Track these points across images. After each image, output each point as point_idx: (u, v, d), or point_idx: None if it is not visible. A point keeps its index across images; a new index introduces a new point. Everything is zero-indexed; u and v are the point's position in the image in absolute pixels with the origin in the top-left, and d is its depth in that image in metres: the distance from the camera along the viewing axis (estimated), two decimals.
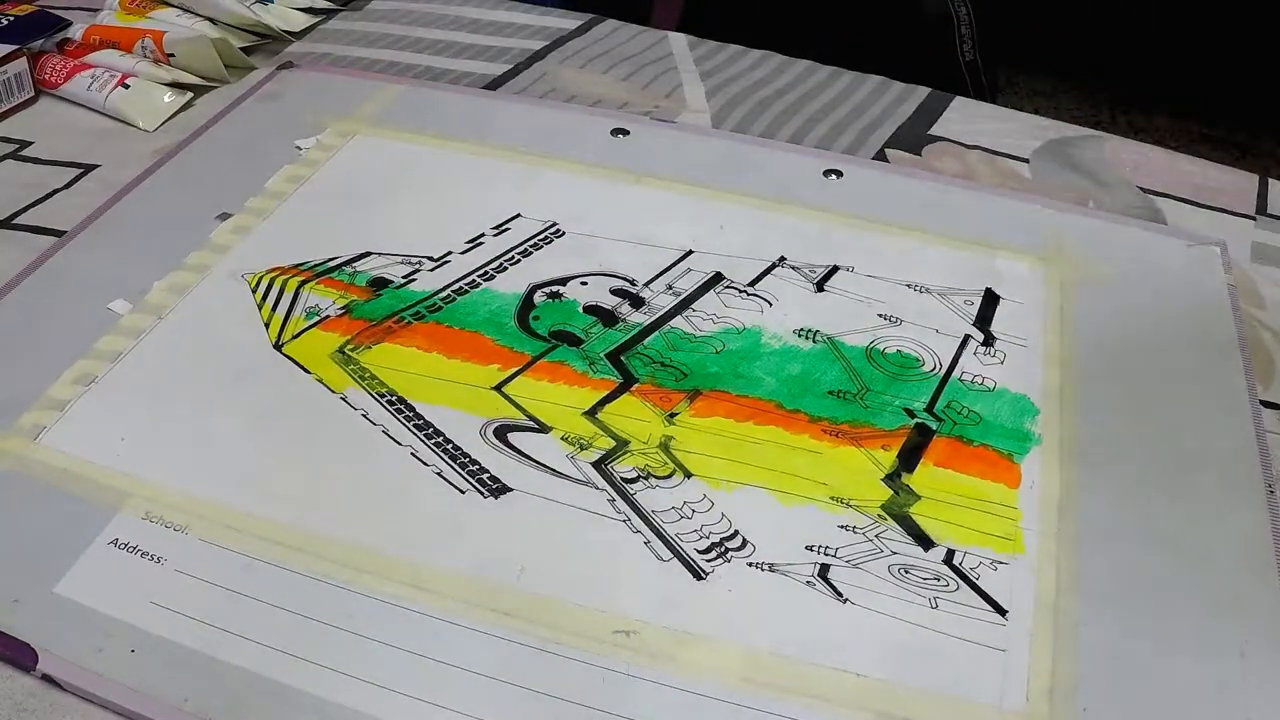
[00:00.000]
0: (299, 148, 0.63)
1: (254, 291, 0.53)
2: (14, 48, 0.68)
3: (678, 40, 0.78)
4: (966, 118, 0.70)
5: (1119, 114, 1.81)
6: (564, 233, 0.57)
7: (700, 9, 1.07)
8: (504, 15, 0.81)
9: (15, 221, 0.60)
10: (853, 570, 0.41)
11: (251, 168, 0.61)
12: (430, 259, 0.56)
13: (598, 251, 0.56)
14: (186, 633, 0.39)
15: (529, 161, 0.63)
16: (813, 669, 0.38)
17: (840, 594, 0.41)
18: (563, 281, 0.54)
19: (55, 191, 0.62)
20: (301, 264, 0.55)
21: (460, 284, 0.54)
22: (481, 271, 0.55)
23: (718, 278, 0.55)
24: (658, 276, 0.55)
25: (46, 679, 0.38)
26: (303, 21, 0.79)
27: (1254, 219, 0.62)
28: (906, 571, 0.41)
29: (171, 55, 0.71)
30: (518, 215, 0.58)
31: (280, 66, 0.71)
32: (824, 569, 0.41)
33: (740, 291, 0.54)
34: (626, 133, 0.65)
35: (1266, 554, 0.42)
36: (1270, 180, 0.65)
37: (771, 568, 0.42)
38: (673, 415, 0.47)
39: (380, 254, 0.56)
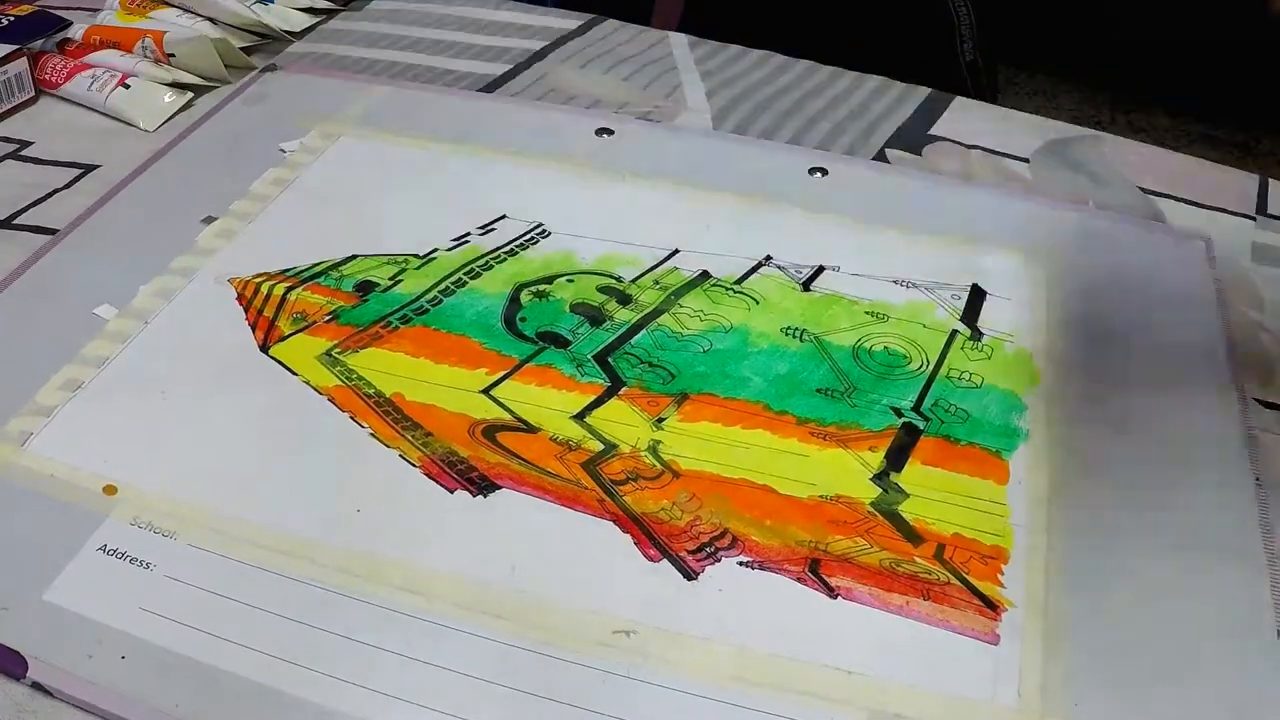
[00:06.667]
0: (283, 150, 0.63)
1: (239, 295, 0.53)
2: (14, 48, 0.68)
3: (678, 40, 0.78)
4: (966, 118, 0.70)
5: (1119, 114, 1.82)
6: (550, 233, 0.57)
7: (700, 9, 1.06)
8: (504, 15, 0.81)
9: (15, 221, 0.60)
10: (843, 566, 0.41)
11: (236, 171, 0.61)
12: (417, 256, 0.56)
13: (584, 251, 0.56)
14: (176, 638, 0.39)
15: (515, 162, 0.63)
16: (804, 667, 0.38)
17: (831, 590, 0.40)
18: (549, 280, 0.54)
19: (55, 191, 0.62)
20: (288, 270, 0.55)
21: (446, 283, 0.54)
22: (467, 269, 0.55)
23: (704, 275, 0.54)
24: (645, 274, 0.55)
25: (37, 686, 0.38)
26: (303, 21, 0.79)
27: (1254, 219, 0.61)
28: (897, 567, 0.41)
29: (172, 55, 0.71)
30: (504, 216, 0.58)
31: (264, 69, 0.71)
32: (815, 565, 0.41)
33: (727, 290, 0.54)
34: (611, 132, 0.65)
35: (1255, 547, 0.42)
36: (1270, 180, 0.65)
37: (762, 566, 0.41)
38: (661, 420, 0.47)
39: (366, 256, 0.56)
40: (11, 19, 0.71)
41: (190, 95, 0.70)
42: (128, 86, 0.69)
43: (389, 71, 0.73)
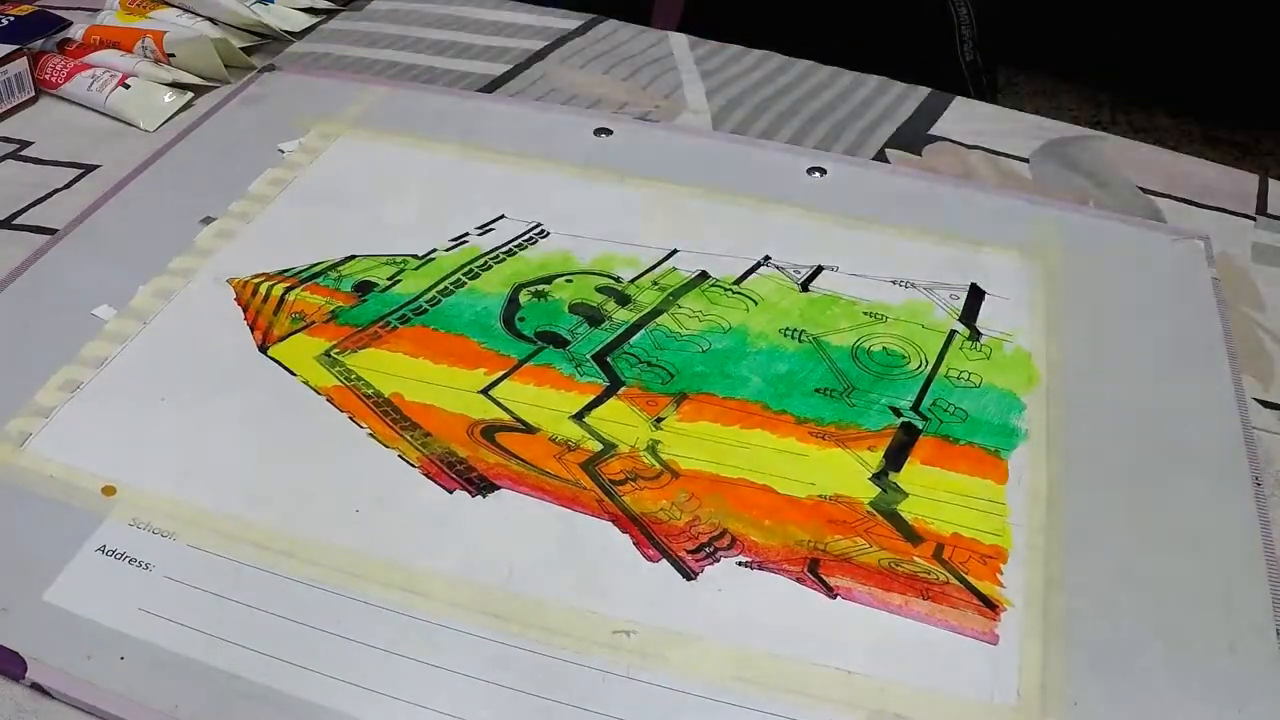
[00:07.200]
0: (282, 151, 0.63)
1: (238, 296, 0.53)
2: (14, 48, 0.69)
3: (678, 40, 0.78)
4: (966, 118, 0.70)
5: (1119, 114, 1.82)
6: (549, 233, 0.57)
7: (700, 9, 1.06)
8: (504, 15, 0.81)
9: (15, 221, 0.60)
10: (842, 566, 0.41)
11: (234, 171, 0.61)
12: (415, 257, 0.56)
13: (583, 251, 0.56)
14: (175, 639, 0.39)
15: (513, 162, 0.63)
16: (804, 667, 0.38)
17: (831, 590, 0.40)
18: (548, 280, 0.54)
19: (55, 191, 0.62)
20: (286, 270, 0.55)
21: (445, 284, 0.54)
22: (466, 270, 0.55)
23: (703, 276, 0.54)
24: (643, 274, 0.55)
25: (36, 687, 0.38)
26: (303, 21, 0.79)
27: (1254, 219, 0.61)
28: (896, 567, 0.41)
29: (172, 55, 0.72)
30: (502, 216, 0.58)
31: (262, 69, 0.71)
32: (814, 564, 0.41)
33: (726, 290, 0.54)
34: (610, 133, 0.65)
35: (1255, 546, 0.42)
36: (1270, 180, 0.65)
37: (761, 565, 0.41)
38: (659, 420, 0.47)
39: (365, 256, 0.56)
40: (11, 19, 0.71)
41: (190, 95, 0.70)
42: (128, 86, 0.69)
43: (389, 71, 0.73)
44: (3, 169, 0.64)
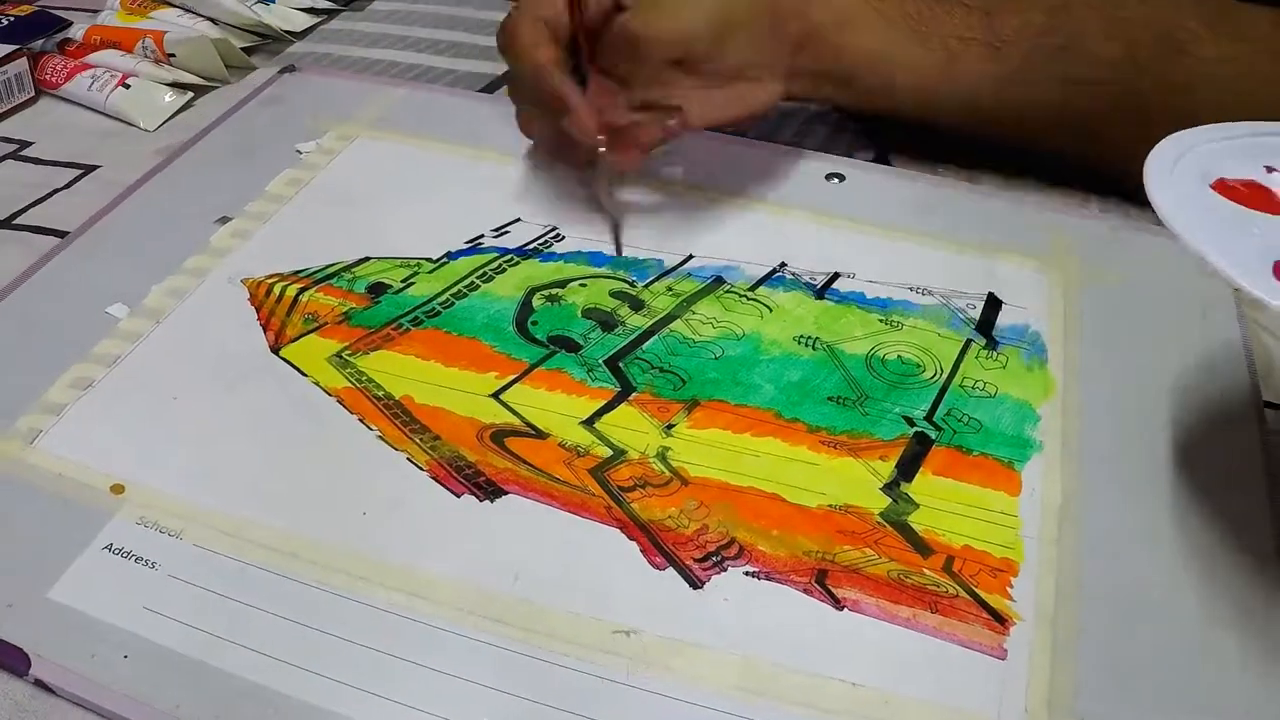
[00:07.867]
0: (299, 151, 0.63)
1: (252, 296, 0.53)
2: (14, 48, 0.69)
3: None
4: None
5: None
6: (563, 236, 0.57)
7: None
8: (504, 15, 0.81)
9: (16, 221, 0.60)
10: (851, 577, 0.41)
11: (251, 171, 0.62)
12: (430, 260, 0.56)
13: (597, 255, 0.56)
14: (180, 639, 0.39)
15: (529, 165, 0.62)
16: (810, 678, 0.38)
17: (838, 601, 0.40)
18: (561, 284, 0.54)
19: (56, 191, 0.63)
20: (300, 271, 0.55)
21: (459, 287, 0.54)
22: (480, 273, 0.55)
23: (718, 281, 0.54)
24: (657, 279, 0.54)
25: (39, 684, 0.38)
26: (304, 21, 0.79)
27: None
28: (905, 579, 0.41)
29: (172, 55, 0.72)
30: (518, 219, 0.58)
31: (282, 70, 0.72)
32: (822, 575, 0.41)
33: (741, 296, 0.53)
34: None
35: (1269, 561, 0.41)
36: None
37: (768, 576, 0.41)
38: (670, 426, 0.47)
39: (379, 258, 0.56)
40: (11, 19, 0.71)
41: (190, 95, 0.70)
42: (128, 86, 0.69)
43: (390, 72, 0.73)
44: (3, 169, 0.65)
